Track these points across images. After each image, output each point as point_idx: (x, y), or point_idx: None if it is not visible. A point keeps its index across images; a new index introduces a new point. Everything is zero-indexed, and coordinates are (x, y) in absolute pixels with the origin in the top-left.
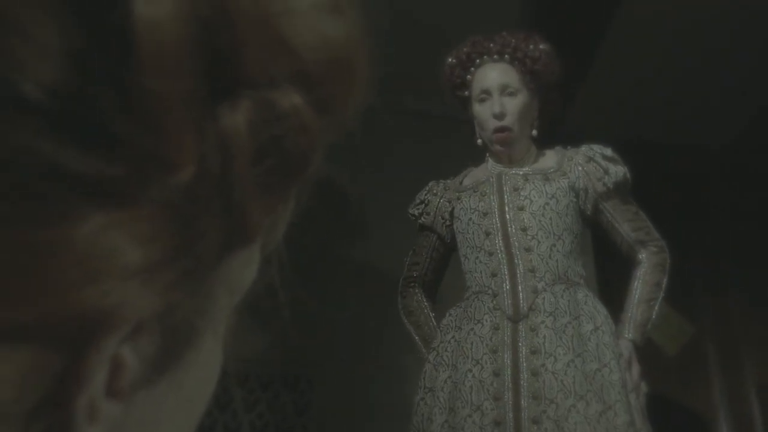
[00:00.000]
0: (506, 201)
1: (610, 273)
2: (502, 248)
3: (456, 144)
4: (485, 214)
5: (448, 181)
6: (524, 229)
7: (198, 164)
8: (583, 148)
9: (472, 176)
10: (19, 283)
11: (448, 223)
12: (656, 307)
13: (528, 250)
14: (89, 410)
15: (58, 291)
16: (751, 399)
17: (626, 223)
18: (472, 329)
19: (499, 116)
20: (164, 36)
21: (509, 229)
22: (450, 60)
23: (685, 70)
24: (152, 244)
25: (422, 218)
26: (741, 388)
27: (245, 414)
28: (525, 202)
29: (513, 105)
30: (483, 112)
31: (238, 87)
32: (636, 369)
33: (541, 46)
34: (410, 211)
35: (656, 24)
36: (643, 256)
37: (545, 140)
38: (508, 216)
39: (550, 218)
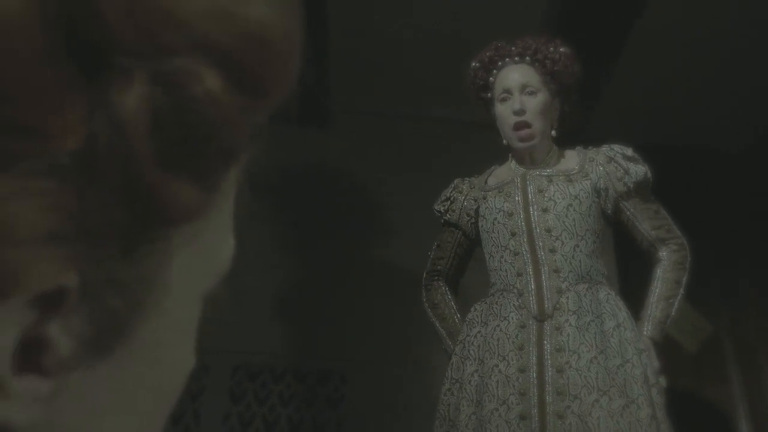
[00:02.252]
0: (531, 202)
1: (632, 271)
2: (527, 249)
3: (477, 148)
4: (510, 215)
5: (473, 179)
6: (548, 230)
7: (85, 137)
8: (604, 148)
9: (496, 175)
10: None
11: (473, 220)
12: (676, 305)
13: (552, 251)
14: None
15: None
16: None
17: (646, 221)
18: (498, 326)
19: (519, 113)
20: (4, 12)
21: (534, 230)
22: (474, 63)
23: (704, 76)
24: (45, 213)
25: (447, 215)
26: (759, 384)
27: (283, 408)
28: (549, 203)
29: (533, 103)
30: (504, 110)
31: (123, 57)
32: (655, 364)
33: (561, 49)
34: (436, 208)
35: (676, 30)
36: (663, 253)
37: (567, 143)
38: (532, 217)
39: (574, 219)
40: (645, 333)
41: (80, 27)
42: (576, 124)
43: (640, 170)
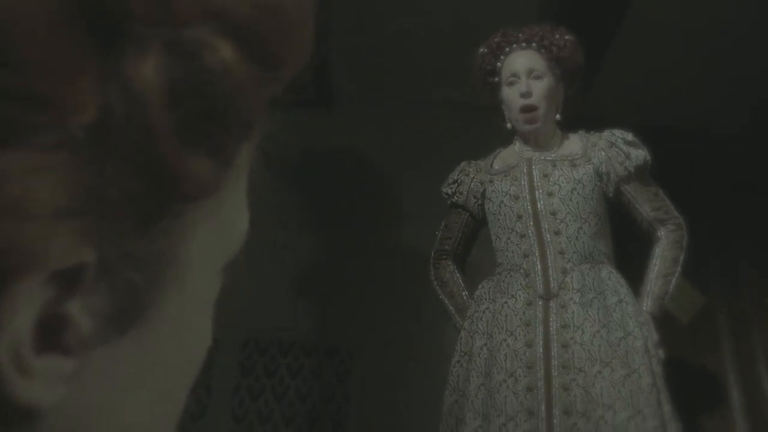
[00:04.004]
0: (536, 186)
1: (628, 251)
2: (533, 231)
3: (485, 131)
4: (516, 198)
5: (479, 162)
6: (553, 213)
7: (99, 108)
8: (606, 133)
9: (502, 158)
10: None
11: (479, 202)
12: (673, 281)
13: (557, 233)
14: (17, 364)
15: None
16: (760, 365)
17: (646, 203)
18: (506, 303)
19: (526, 95)
20: None
21: (540, 213)
22: (482, 49)
23: (696, 60)
24: (59, 186)
25: (455, 197)
26: (750, 356)
27: (291, 380)
28: (554, 188)
29: (539, 87)
30: (511, 93)
31: (137, 26)
32: (654, 337)
33: (566, 36)
34: (443, 190)
35: (668, 16)
36: (661, 233)
37: (569, 125)
38: (538, 201)
39: (577, 203)
40: (644, 308)
41: (102, 2)
42: (575, 108)
43: (640, 154)
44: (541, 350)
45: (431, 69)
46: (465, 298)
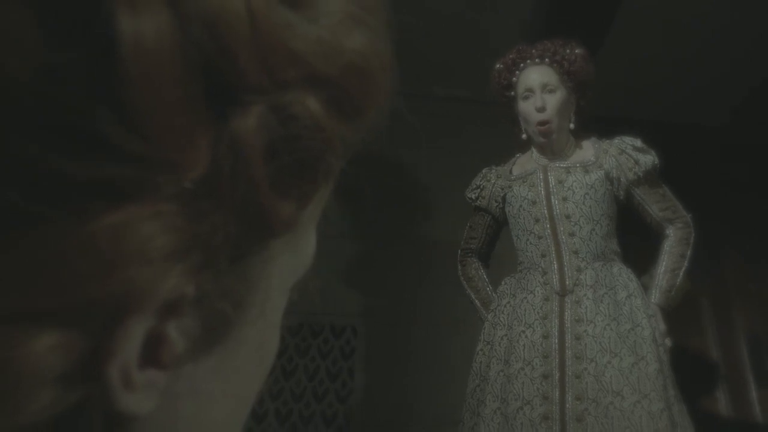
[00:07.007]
0: (552, 191)
1: (633, 249)
2: (550, 233)
3: (486, 129)
4: (534, 203)
5: (499, 167)
6: (568, 217)
7: (208, 164)
8: (616, 140)
9: (520, 165)
10: (58, 273)
11: (500, 206)
12: (680, 275)
13: (572, 234)
14: (123, 380)
15: (92, 278)
16: (741, 346)
17: (655, 204)
18: (525, 298)
19: (541, 109)
20: (149, 50)
21: (555, 216)
22: (498, 66)
23: (683, 56)
24: (172, 234)
25: (478, 201)
26: (730, 335)
27: (300, 358)
28: (568, 193)
29: (553, 100)
30: (527, 107)
31: (245, 93)
32: (661, 327)
33: (577, 51)
34: (467, 195)
35: (660, 12)
36: (670, 231)
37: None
38: (554, 205)
39: (590, 206)
40: (653, 300)
41: (215, 71)
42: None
43: (648, 160)
44: (556, 342)
45: (432, 66)
46: (489, 292)
